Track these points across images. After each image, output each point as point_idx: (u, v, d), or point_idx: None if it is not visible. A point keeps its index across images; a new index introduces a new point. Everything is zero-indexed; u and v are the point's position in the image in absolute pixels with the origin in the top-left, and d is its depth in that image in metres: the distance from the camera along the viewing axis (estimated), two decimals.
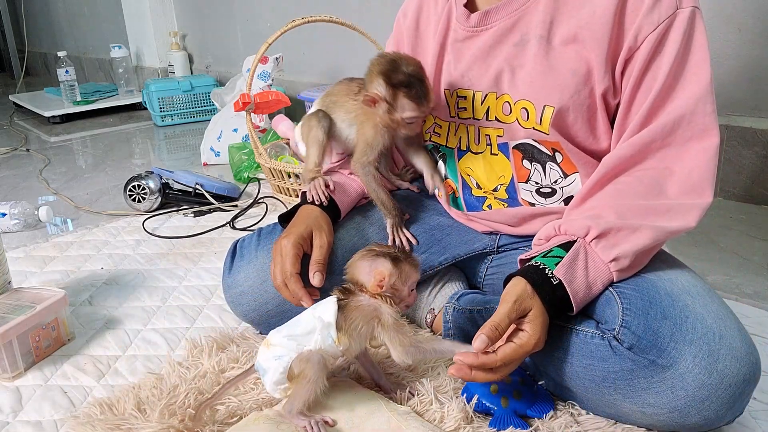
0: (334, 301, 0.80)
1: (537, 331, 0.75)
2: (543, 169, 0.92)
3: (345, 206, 1.02)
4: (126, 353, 1.06)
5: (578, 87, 0.84)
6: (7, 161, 2.50)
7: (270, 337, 0.81)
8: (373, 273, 0.81)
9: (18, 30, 5.14)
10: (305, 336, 0.79)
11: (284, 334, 0.80)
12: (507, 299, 0.76)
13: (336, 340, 0.78)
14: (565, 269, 0.77)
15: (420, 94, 0.91)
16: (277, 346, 0.80)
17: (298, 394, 0.78)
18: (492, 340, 0.74)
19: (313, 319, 0.79)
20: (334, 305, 0.79)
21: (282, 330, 0.81)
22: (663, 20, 0.79)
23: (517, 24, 0.88)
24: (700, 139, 0.80)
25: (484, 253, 1.04)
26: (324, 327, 0.78)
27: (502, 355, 0.74)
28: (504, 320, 0.74)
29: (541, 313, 0.76)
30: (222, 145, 2.24)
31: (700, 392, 0.71)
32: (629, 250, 0.77)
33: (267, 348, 0.80)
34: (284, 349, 0.79)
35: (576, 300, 0.77)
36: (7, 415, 0.90)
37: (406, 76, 0.90)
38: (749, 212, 1.54)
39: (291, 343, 0.79)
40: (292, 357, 0.78)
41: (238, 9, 3.11)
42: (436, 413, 0.82)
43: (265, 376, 0.80)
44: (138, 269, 1.39)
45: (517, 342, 0.75)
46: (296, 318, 0.82)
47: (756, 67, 1.54)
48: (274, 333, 0.81)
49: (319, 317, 0.79)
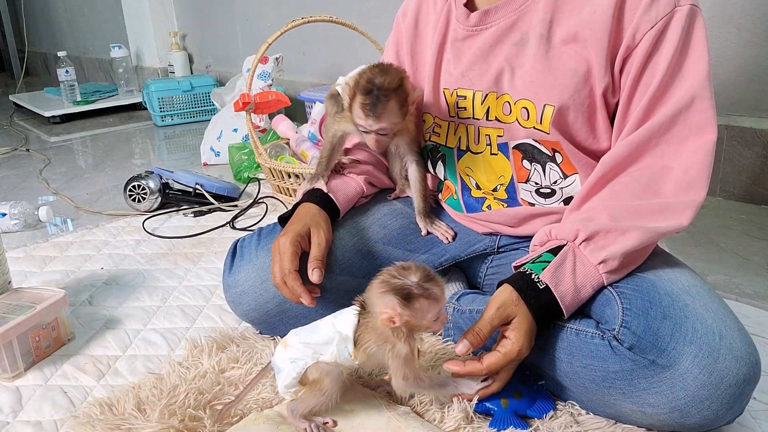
0: (355, 314, 0.76)
1: (520, 339, 0.76)
2: (543, 169, 0.92)
3: (344, 205, 1.02)
4: (126, 353, 1.06)
5: (578, 86, 0.84)
6: (7, 161, 2.50)
7: (288, 338, 0.80)
8: (381, 311, 0.73)
9: (18, 30, 5.14)
10: (322, 345, 0.77)
11: (301, 339, 0.79)
12: (491, 305, 0.78)
13: (352, 355, 0.76)
14: (551, 273, 0.78)
15: (371, 107, 0.88)
16: (293, 348, 0.78)
17: (307, 401, 0.78)
18: (473, 345, 0.77)
19: (332, 330, 0.77)
20: (354, 318, 0.76)
21: (300, 333, 0.79)
22: (661, 18, 0.79)
23: (516, 23, 0.88)
24: (697, 136, 0.80)
25: (485, 253, 1.04)
26: (342, 340, 0.76)
27: (487, 363, 0.76)
28: (486, 326, 0.77)
29: (525, 320, 0.77)
30: (222, 145, 2.24)
31: (700, 392, 0.71)
32: (617, 251, 0.77)
33: (284, 348, 0.79)
34: (299, 354, 0.78)
35: (564, 303, 0.77)
36: (7, 415, 0.90)
37: (370, 85, 0.87)
38: (749, 212, 1.54)
39: (307, 349, 0.78)
40: (307, 363, 0.77)
41: (238, 9, 3.11)
42: (436, 413, 0.82)
43: (279, 375, 0.80)
44: (138, 269, 1.39)
45: (501, 350, 0.76)
46: (315, 324, 0.80)
47: (756, 67, 1.54)
48: (292, 333, 0.80)
49: (339, 331, 0.76)
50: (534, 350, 0.82)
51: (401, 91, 0.89)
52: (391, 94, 0.88)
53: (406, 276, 0.73)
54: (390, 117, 0.89)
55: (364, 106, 0.89)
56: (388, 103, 0.88)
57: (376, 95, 0.87)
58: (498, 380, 0.79)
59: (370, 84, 0.88)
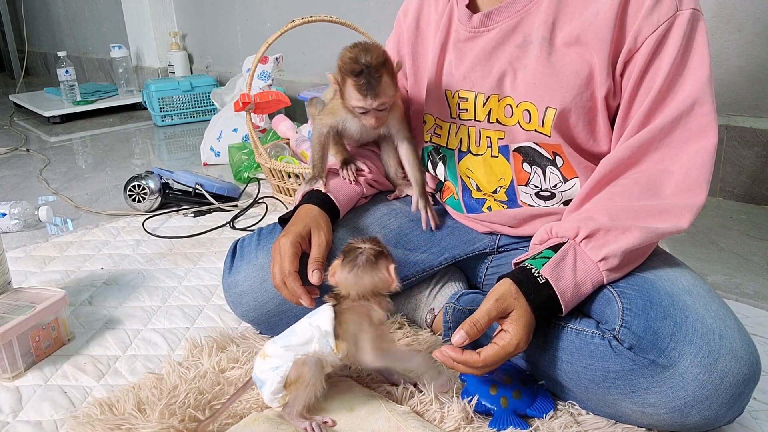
0: (330, 308, 0.79)
1: (519, 333, 0.75)
2: (543, 172, 0.92)
3: (344, 206, 1.02)
4: (126, 353, 1.06)
5: (580, 89, 0.84)
6: (7, 161, 2.50)
7: (266, 348, 0.80)
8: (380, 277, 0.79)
9: (18, 30, 5.14)
10: (303, 346, 0.78)
11: (280, 344, 0.79)
12: (490, 297, 0.77)
13: (334, 348, 0.78)
14: (551, 268, 0.78)
15: (366, 86, 0.89)
16: (273, 357, 0.79)
17: (297, 398, 0.78)
18: (470, 336, 0.76)
19: (310, 328, 0.78)
20: (330, 312, 0.79)
21: (278, 341, 0.80)
22: (663, 22, 0.79)
23: (519, 25, 0.88)
24: (698, 140, 0.80)
25: (484, 253, 1.04)
26: (322, 335, 0.78)
27: (485, 355, 0.75)
28: (483, 317, 0.76)
29: (524, 313, 0.76)
30: (222, 145, 2.24)
31: (700, 392, 0.71)
32: (618, 249, 0.77)
33: (263, 359, 0.80)
34: (281, 360, 0.78)
35: (564, 299, 0.77)
36: (7, 415, 0.90)
37: (359, 65, 0.88)
38: (749, 212, 1.54)
39: (288, 353, 0.78)
40: (289, 366, 0.78)
41: (238, 9, 3.11)
42: (436, 413, 0.82)
43: (263, 387, 0.80)
44: (138, 269, 1.39)
45: (499, 343, 0.76)
46: (291, 328, 0.81)
47: (756, 67, 1.54)
48: (269, 344, 0.80)
49: (317, 326, 0.78)
50: (534, 350, 0.82)
51: (388, 63, 0.91)
52: (381, 69, 0.89)
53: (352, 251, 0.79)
54: (387, 91, 0.91)
55: (359, 87, 0.90)
56: (382, 78, 0.90)
57: (369, 73, 0.88)
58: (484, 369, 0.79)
59: (358, 64, 0.88)
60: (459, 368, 0.77)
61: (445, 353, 0.77)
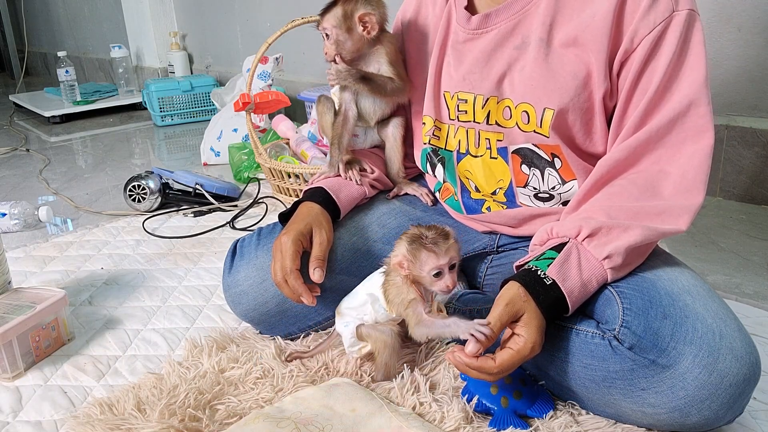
0: (381, 274, 0.87)
1: (532, 335, 0.74)
2: (541, 174, 0.92)
3: (345, 205, 1.02)
4: (126, 353, 1.06)
5: (578, 89, 0.84)
6: (7, 161, 2.50)
7: (340, 306, 0.93)
8: (394, 254, 0.84)
9: (18, 30, 5.14)
10: (361, 308, 0.89)
11: (345, 306, 0.92)
12: (499, 302, 0.76)
13: (387, 309, 0.87)
14: (557, 269, 0.77)
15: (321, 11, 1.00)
16: (344, 315, 0.91)
17: (379, 367, 0.89)
18: (483, 345, 0.74)
19: (365, 293, 0.89)
20: (380, 278, 0.87)
21: (345, 301, 0.92)
22: (659, 23, 0.79)
23: (517, 27, 0.88)
24: (695, 140, 0.80)
25: (484, 253, 1.04)
26: (374, 300, 0.88)
27: (500, 361, 0.73)
28: (496, 323, 0.74)
29: (536, 316, 0.75)
30: (222, 145, 2.24)
31: (700, 392, 0.71)
32: (621, 246, 0.77)
33: (339, 316, 0.92)
34: (349, 317, 0.90)
35: (571, 299, 0.77)
36: (7, 415, 0.90)
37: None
38: (749, 212, 1.54)
39: (352, 312, 0.90)
40: (356, 323, 0.89)
41: (238, 9, 3.11)
42: (436, 413, 0.82)
43: (344, 340, 0.91)
44: (138, 269, 1.39)
45: (513, 347, 0.74)
46: (354, 291, 0.92)
47: (756, 67, 1.54)
48: (343, 301, 0.93)
49: (371, 293, 0.88)
50: None
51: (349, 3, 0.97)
52: (339, 2, 0.98)
53: (425, 231, 0.83)
54: (329, 20, 0.98)
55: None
56: (334, 7, 0.98)
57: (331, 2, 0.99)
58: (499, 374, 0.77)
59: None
60: (473, 374, 0.75)
61: (459, 359, 0.74)
